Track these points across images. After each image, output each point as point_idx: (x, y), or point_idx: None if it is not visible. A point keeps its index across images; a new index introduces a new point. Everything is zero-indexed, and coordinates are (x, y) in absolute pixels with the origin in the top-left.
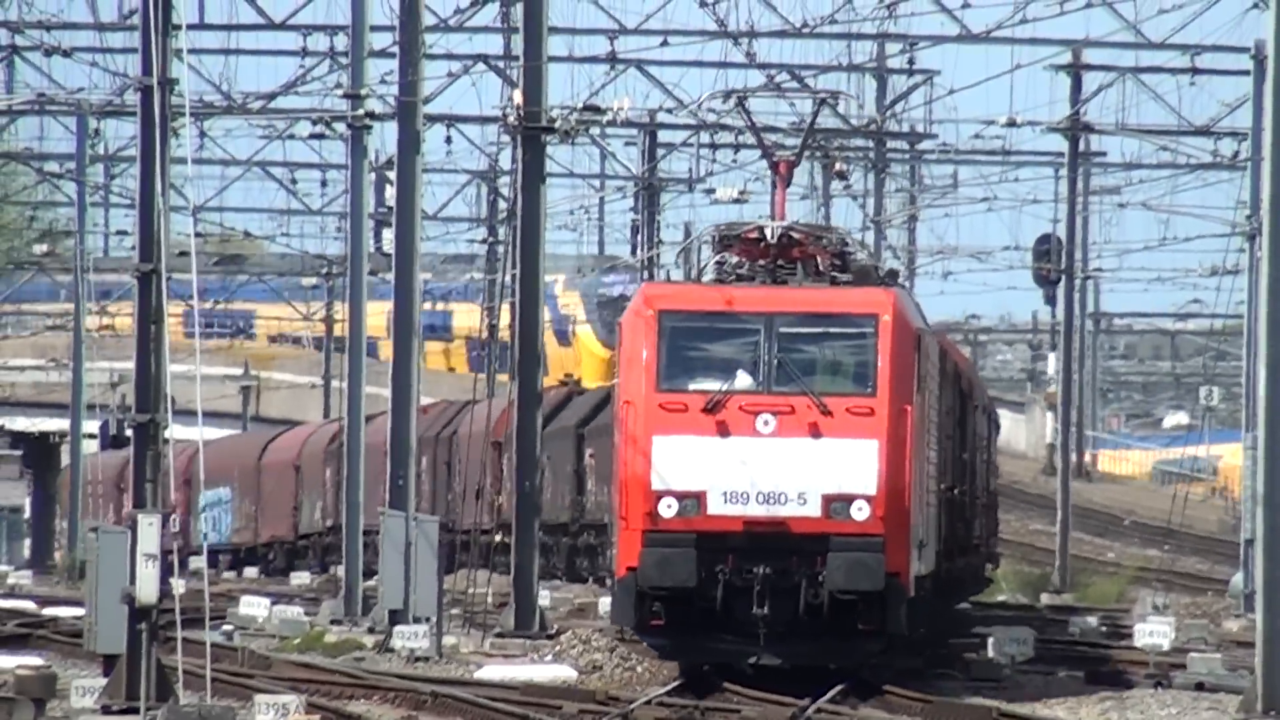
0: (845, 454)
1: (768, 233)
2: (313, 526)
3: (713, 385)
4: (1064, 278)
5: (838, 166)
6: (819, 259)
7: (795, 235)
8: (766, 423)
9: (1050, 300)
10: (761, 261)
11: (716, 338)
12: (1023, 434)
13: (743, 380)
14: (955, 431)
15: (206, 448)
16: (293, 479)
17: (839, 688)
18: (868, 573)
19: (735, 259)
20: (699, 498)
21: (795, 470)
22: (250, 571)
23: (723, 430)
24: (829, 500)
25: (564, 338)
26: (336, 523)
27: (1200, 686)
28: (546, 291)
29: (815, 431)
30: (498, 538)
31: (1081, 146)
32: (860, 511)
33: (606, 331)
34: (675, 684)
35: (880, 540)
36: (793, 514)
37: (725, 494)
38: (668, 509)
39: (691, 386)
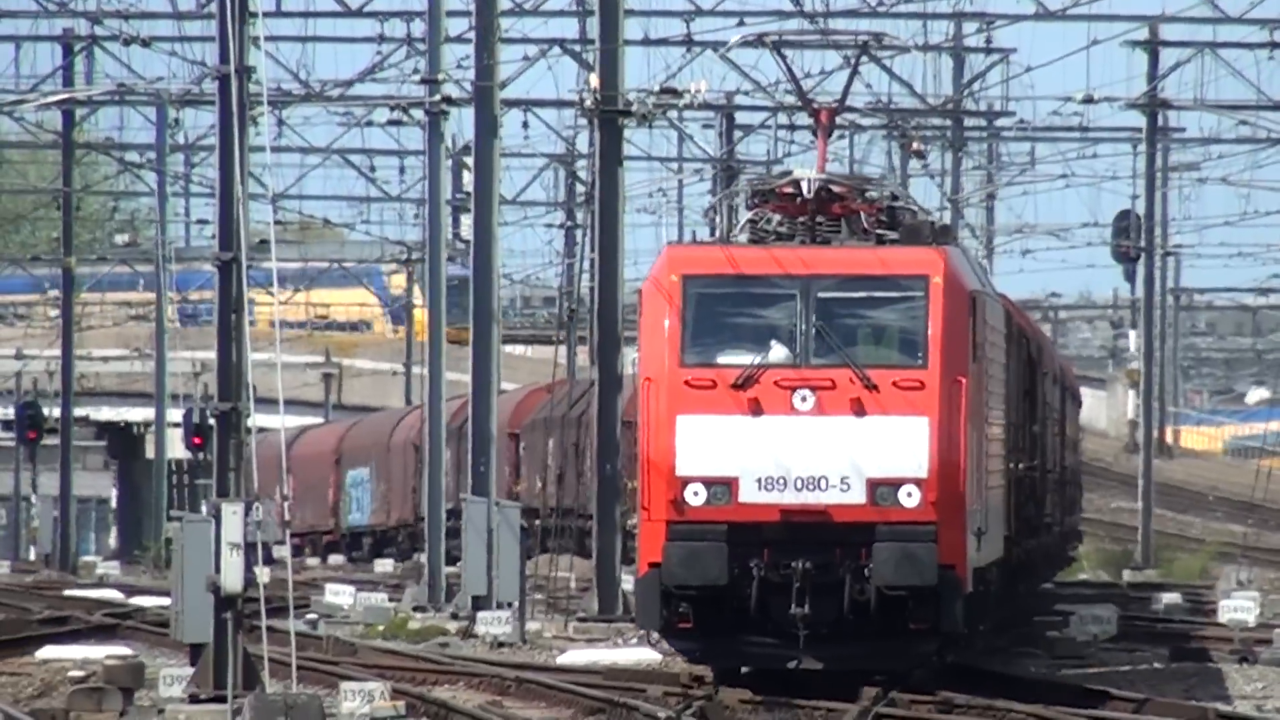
0: (892, 433)
1: (804, 186)
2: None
3: (744, 359)
4: (1144, 254)
5: (915, 146)
6: (863, 215)
7: (835, 189)
8: (804, 399)
9: (1130, 277)
10: (800, 219)
11: (748, 305)
12: (1104, 412)
13: (777, 353)
14: (1022, 403)
15: (356, 426)
16: (414, 459)
17: (887, 692)
18: (918, 566)
19: (771, 216)
20: (730, 484)
21: (837, 452)
22: (335, 559)
23: (755, 409)
24: (875, 485)
25: (398, 319)
26: (455, 506)
27: None
28: (375, 277)
29: (859, 409)
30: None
31: (1160, 122)
32: (910, 497)
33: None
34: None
35: (932, 529)
36: (835, 501)
37: (759, 480)
38: (695, 497)
39: (720, 360)
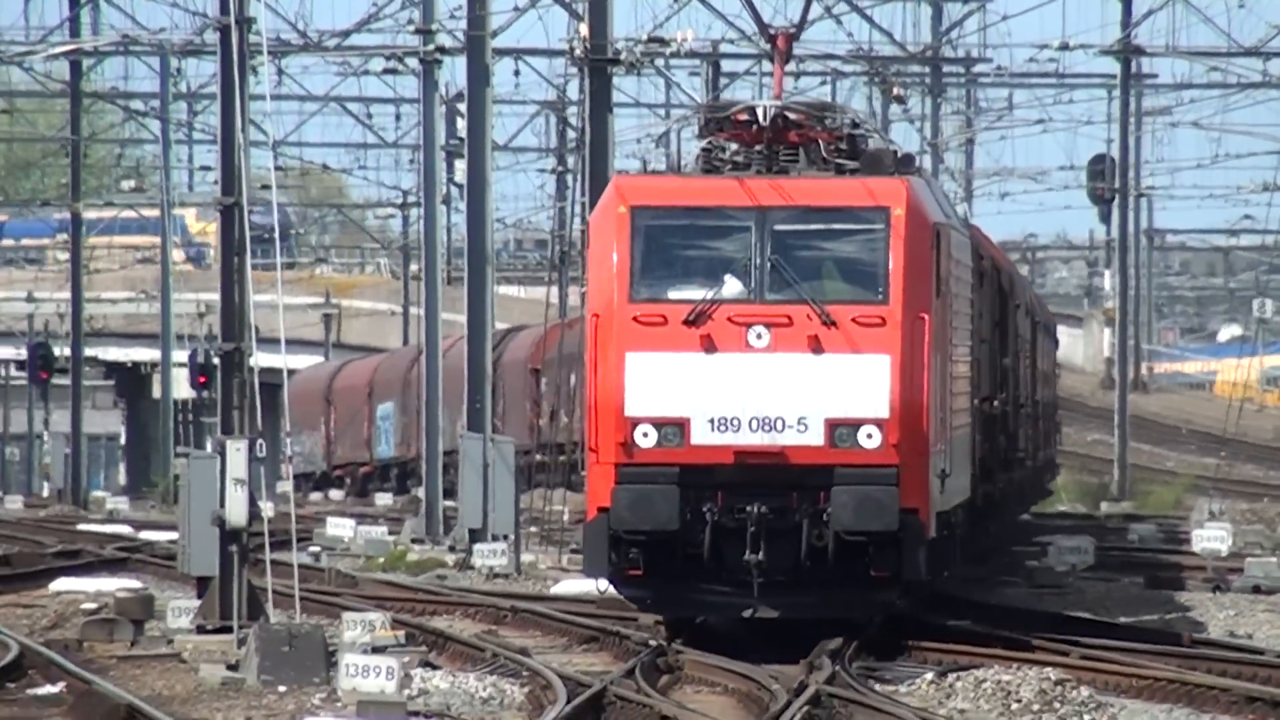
0: (852, 371)
1: (760, 113)
2: (452, 444)
3: (696, 294)
4: (1118, 196)
5: (895, 91)
6: (822, 143)
7: (792, 116)
8: (760, 336)
9: (1105, 218)
10: (756, 147)
11: (700, 237)
12: (1080, 349)
13: (732, 287)
14: (993, 335)
15: (386, 360)
16: None
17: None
18: (879, 510)
19: (726, 145)
20: (681, 425)
21: (794, 391)
22: (336, 494)
23: (708, 346)
24: (833, 426)
25: (199, 262)
26: None
27: (1257, 589)
28: (179, 223)
29: (816, 346)
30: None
31: (1133, 68)
32: (870, 439)
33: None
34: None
35: (894, 472)
36: (791, 443)
37: (712, 420)
38: (644, 439)
39: (671, 295)
